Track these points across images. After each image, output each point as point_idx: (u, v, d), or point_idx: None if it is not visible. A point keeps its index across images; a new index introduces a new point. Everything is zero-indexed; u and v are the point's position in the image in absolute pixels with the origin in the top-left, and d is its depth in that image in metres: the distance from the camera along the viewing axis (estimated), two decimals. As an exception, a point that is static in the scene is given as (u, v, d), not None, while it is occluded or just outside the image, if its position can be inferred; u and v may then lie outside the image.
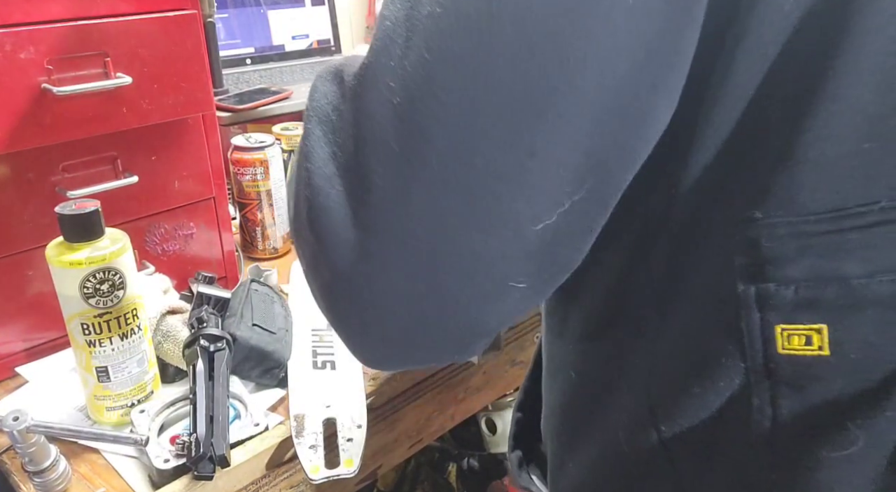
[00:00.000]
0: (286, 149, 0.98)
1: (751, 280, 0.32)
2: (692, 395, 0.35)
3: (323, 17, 1.37)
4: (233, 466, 0.60)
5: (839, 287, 0.30)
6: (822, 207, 0.30)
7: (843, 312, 0.31)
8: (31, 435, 0.55)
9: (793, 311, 0.31)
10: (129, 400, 0.65)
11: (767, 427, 0.33)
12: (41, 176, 0.69)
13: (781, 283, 0.31)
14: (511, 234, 0.30)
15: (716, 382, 0.34)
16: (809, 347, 0.31)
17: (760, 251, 0.31)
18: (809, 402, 0.32)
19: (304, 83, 1.15)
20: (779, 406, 0.33)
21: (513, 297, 0.32)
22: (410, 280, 0.31)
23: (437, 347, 0.35)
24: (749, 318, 0.32)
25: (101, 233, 0.60)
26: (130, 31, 0.67)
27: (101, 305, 0.60)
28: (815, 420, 0.32)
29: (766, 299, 0.32)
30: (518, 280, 0.31)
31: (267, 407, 0.69)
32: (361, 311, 0.33)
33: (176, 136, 0.77)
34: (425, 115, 0.29)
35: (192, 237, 0.83)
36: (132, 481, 0.60)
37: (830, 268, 0.30)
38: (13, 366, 0.73)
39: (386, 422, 0.74)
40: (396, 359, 0.37)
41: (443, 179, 0.29)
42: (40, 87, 0.63)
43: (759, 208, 0.31)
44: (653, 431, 0.38)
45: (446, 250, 0.31)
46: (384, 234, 0.31)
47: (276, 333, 0.72)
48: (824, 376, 0.31)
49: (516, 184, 0.29)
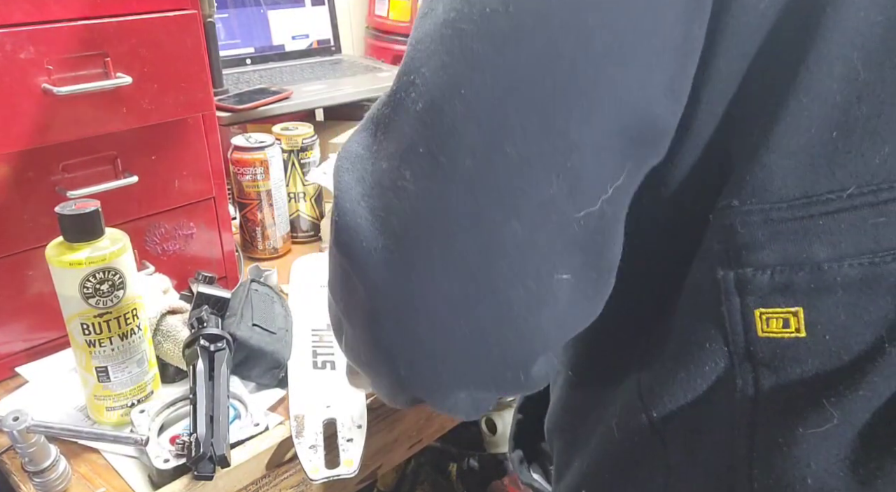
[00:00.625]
0: (286, 149, 0.98)
1: (729, 266, 0.33)
2: (679, 379, 0.36)
3: (323, 17, 1.37)
4: (233, 466, 0.60)
5: (811, 271, 0.32)
6: (792, 194, 0.31)
7: (817, 295, 0.32)
8: (31, 435, 0.55)
9: (770, 295, 0.33)
10: (129, 400, 0.65)
11: (749, 407, 0.34)
12: (41, 176, 0.69)
13: (758, 267, 0.33)
14: (554, 223, 0.31)
15: (701, 366, 0.35)
16: (787, 329, 0.33)
17: (736, 237, 0.33)
18: (788, 381, 0.33)
19: (304, 83, 1.15)
20: (760, 386, 0.34)
21: (563, 295, 0.32)
22: (457, 283, 0.31)
23: (495, 362, 0.34)
24: (729, 302, 0.34)
25: (101, 233, 0.60)
26: (130, 31, 0.67)
27: (101, 305, 0.60)
28: (793, 399, 0.33)
29: (744, 284, 0.33)
30: (563, 272, 0.32)
31: (267, 407, 0.69)
32: (410, 325, 0.33)
33: (176, 136, 0.77)
34: (450, 114, 0.29)
35: (192, 237, 0.83)
36: (132, 481, 0.60)
37: (802, 252, 0.32)
38: (13, 366, 0.73)
39: (386, 422, 0.74)
40: (452, 379, 0.35)
41: (476, 173, 0.30)
42: (40, 88, 0.63)
43: (735, 197, 0.32)
44: (643, 415, 0.39)
45: (489, 248, 0.31)
46: (420, 238, 0.31)
47: (276, 334, 0.72)
48: (801, 357, 0.33)
49: (555, 172, 0.30)
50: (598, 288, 0.34)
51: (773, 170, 0.31)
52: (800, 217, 0.31)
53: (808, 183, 0.31)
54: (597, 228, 0.31)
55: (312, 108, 1.12)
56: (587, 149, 0.29)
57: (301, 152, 0.99)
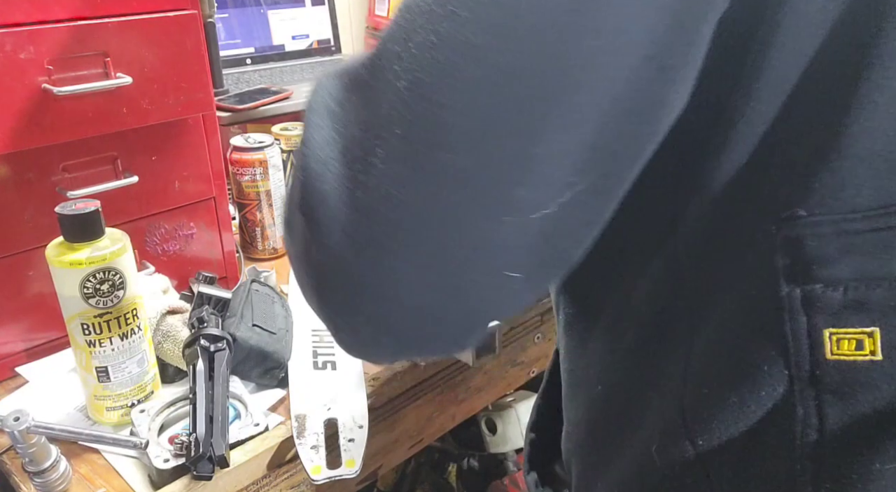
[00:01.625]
0: (286, 149, 0.98)
1: (795, 282, 0.30)
2: (730, 405, 0.33)
3: (323, 17, 1.37)
4: (234, 466, 0.60)
5: (890, 288, 0.29)
6: (868, 203, 0.29)
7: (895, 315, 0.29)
8: (32, 436, 0.55)
9: (842, 313, 0.30)
10: (129, 400, 0.65)
11: (814, 439, 0.31)
12: (41, 176, 0.69)
13: (829, 284, 0.30)
14: (513, 221, 0.29)
15: (756, 390, 0.32)
16: (860, 351, 0.30)
17: (805, 250, 0.30)
18: (860, 410, 0.30)
19: (304, 83, 1.15)
20: (826, 416, 0.31)
21: (511, 287, 0.31)
22: (413, 268, 0.30)
23: (435, 338, 0.34)
24: (795, 322, 0.31)
25: (101, 233, 0.60)
26: (131, 32, 0.67)
27: (101, 305, 0.60)
28: (866, 430, 0.30)
29: (812, 302, 0.30)
30: (516, 270, 0.30)
31: (267, 407, 0.68)
32: (358, 296, 0.32)
33: (176, 136, 0.77)
34: (430, 97, 0.28)
35: (193, 237, 0.83)
36: (132, 481, 0.60)
37: (880, 267, 0.29)
38: (13, 366, 0.73)
39: (386, 422, 0.74)
40: (390, 349, 0.35)
41: (446, 161, 0.28)
42: (40, 88, 0.63)
43: (801, 206, 0.30)
44: (688, 444, 0.36)
45: (447, 235, 0.29)
46: (384, 215, 0.30)
47: (276, 334, 0.72)
48: (876, 383, 0.30)
49: (519, 170, 0.28)
50: (547, 280, 0.33)
51: (844, 177, 0.29)
52: (878, 228, 0.29)
53: (886, 192, 0.28)
54: (555, 231, 0.30)
55: (312, 108, 1.12)
56: (554, 151, 0.28)
57: (301, 152, 0.99)
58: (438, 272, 0.30)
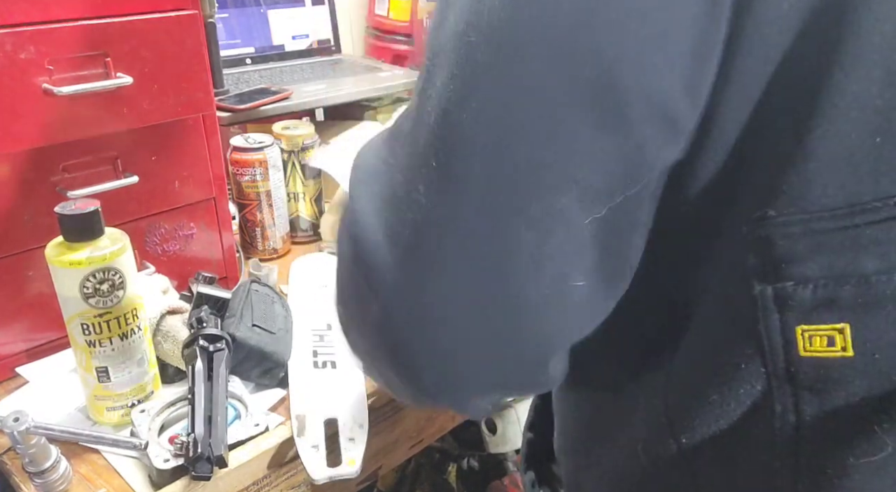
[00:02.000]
0: (286, 149, 0.98)
1: (767, 280, 0.31)
2: (711, 403, 0.34)
3: (323, 17, 1.37)
4: (234, 466, 0.60)
5: (858, 284, 0.30)
6: (835, 203, 0.29)
7: (865, 310, 0.30)
8: (32, 436, 0.55)
9: (813, 311, 0.31)
10: (130, 400, 0.65)
11: (791, 434, 0.32)
12: (41, 176, 0.69)
13: (799, 282, 0.31)
14: (563, 229, 0.30)
15: (735, 388, 0.33)
16: (832, 348, 0.30)
17: (775, 250, 0.31)
18: (834, 406, 0.31)
19: (304, 83, 1.15)
20: (802, 412, 0.32)
21: (577, 299, 0.32)
22: (471, 293, 0.31)
23: (513, 365, 0.34)
24: (768, 319, 0.31)
25: (101, 233, 0.60)
26: (131, 32, 0.67)
27: (101, 305, 0.60)
28: (841, 425, 0.31)
29: (784, 299, 0.31)
30: (577, 279, 0.31)
31: (267, 407, 0.68)
32: (428, 336, 0.32)
33: (176, 136, 0.77)
34: (458, 124, 0.29)
35: (193, 237, 0.83)
36: (133, 481, 0.60)
37: (848, 264, 0.30)
38: (13, 366, 0.72)
39: (387, 422, 0.74)
40: (473, 384, 0.35)
41: (486, 184, 0.29)
42: (41, 88, 0.63)
43: (770, 206, 0.30)
44: (672, 442, 0.36)
45: (501, 258, 0.30)
46: (433, 250, 0.31)
47: (276, 334, 0.72)
48: (848, 378, 0.30)
49: (563, 179, 0.29)
50: (610, 291, 0.33)
51: (810, 178, 0.30)
52: (845, 227, 0.29)
53: (851, 191, 0.29)
54: (607, 234, 0.31)
55: (312, 108, 1.12)
56: (594, 156, 0.29)
57: (301, 152, 0.99)
58: (497, 293, 0.31)
